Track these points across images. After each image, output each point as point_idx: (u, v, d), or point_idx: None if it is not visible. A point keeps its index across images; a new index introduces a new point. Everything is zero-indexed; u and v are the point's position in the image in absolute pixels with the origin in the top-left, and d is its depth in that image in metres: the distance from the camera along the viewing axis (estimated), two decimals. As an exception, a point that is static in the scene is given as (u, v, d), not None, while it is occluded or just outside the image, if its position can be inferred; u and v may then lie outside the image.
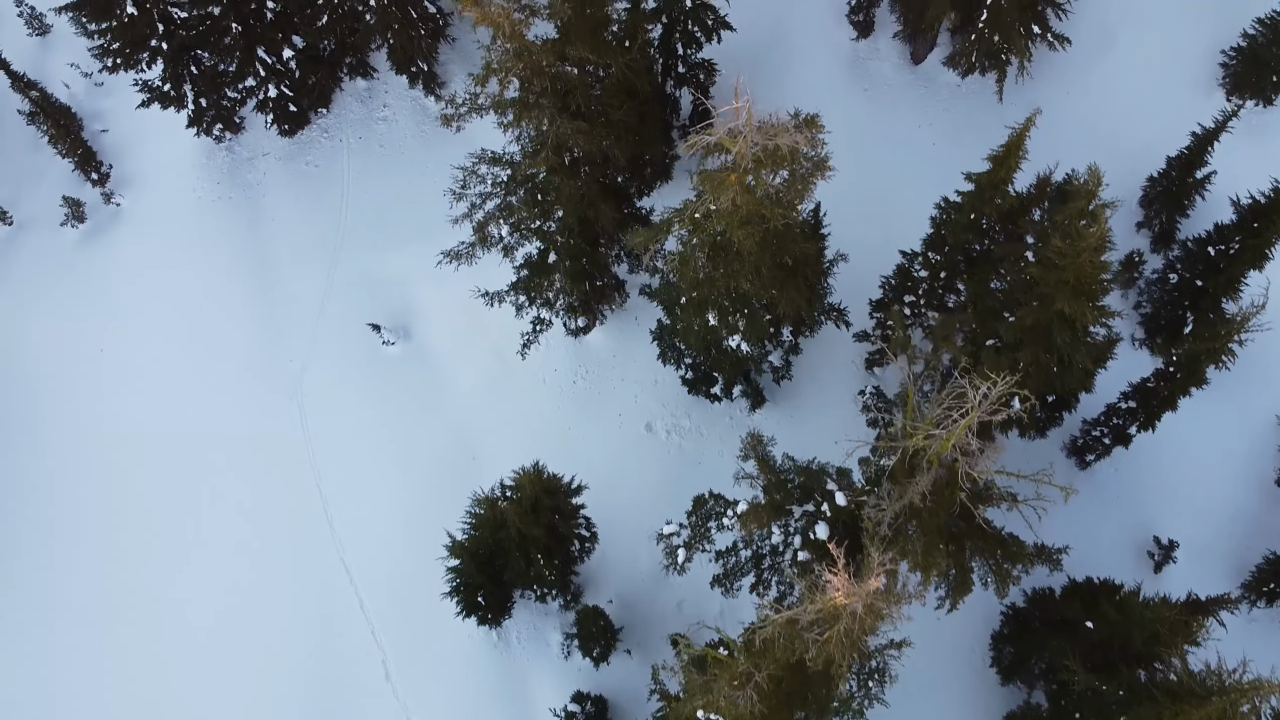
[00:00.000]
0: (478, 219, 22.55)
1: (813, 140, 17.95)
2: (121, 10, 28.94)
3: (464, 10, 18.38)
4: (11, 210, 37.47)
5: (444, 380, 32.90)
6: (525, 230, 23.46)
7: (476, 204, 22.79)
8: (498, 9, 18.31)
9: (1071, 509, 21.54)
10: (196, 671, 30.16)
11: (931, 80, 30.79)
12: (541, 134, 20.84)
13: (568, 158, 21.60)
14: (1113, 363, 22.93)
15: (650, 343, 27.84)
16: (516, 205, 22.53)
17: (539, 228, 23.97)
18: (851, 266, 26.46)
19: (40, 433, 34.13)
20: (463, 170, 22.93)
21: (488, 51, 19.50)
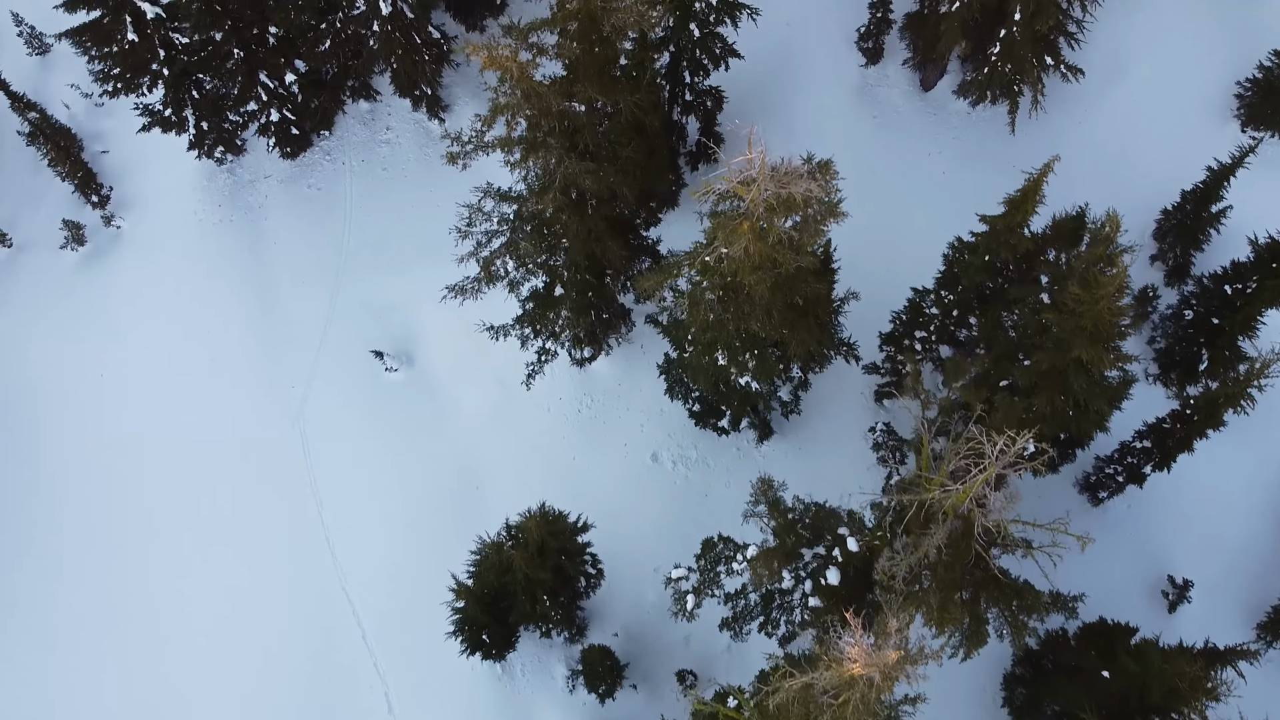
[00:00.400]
0: (483, 257, 22.18)
1: (826, 187, 17.60)
2: (122, 37, 28.60)
3: (470, 54, 18.03)
4: (11, 232, 37.13)
5: (447, 407, 32.56)
6: (531, 265, 23.10)
7: (482, 242, 22.44)
8: (506, 52, 17.96)
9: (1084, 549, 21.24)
10: (196, 702, 29.83)
11: (941, 108, 30.46)
12: (549, 172, 20.50)
13: (575, 195, 21.23)
14: (1126, 400, 22.59)
15: (657, 376, 27.50)
16: (522, 242, 22.18)
17: (545, 262, 23.62)
18: (861, 297, 26.15)
19: (40, 459, 33.78)
20: (468, 208, 22.58)
21: (495, 92, 19.15)
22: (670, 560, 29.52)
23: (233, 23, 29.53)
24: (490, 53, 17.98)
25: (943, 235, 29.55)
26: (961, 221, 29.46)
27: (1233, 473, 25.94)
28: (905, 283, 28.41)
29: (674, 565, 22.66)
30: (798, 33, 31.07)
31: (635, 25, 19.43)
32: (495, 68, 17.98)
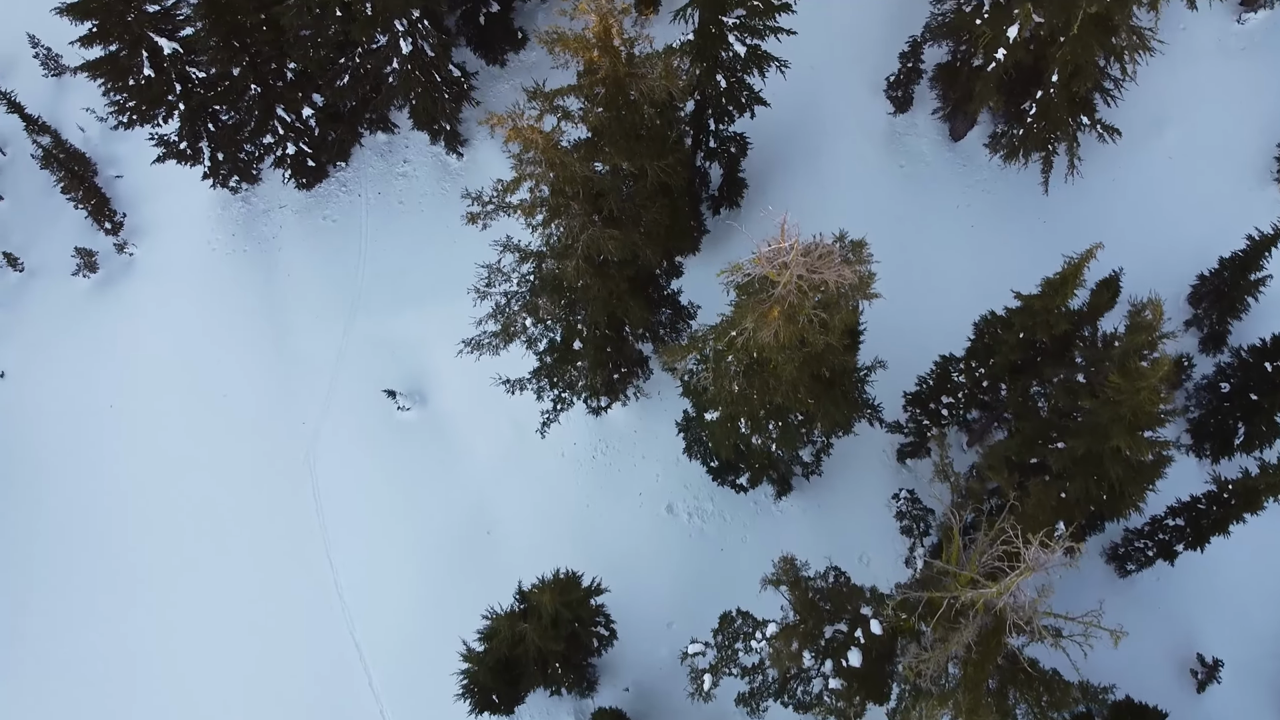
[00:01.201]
0: (503, 320, 21.64)
1: (862, 275, 16.99)
2: (139, 73, 28.14)
3: (494, 126, 17.49)
4: (23, 256, 36.75)
5: (460, 449, 32.04)
6: (550, 322, 22.56)
7: (501, 304, 21.91)
8: (530, 124, 17.40)
9: (1111, 619, 20.57)
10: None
11: (971, 159, 29.76)
12: (572, 236, 19.92)
13: (597, 259, 20.67)
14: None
15: (676, 433, 26.92)
16: (541, 304, 21.63)
17: (564, 318, 23.07)
18: (885, 353, 25.52)
19: (46, 491, 33.40)
20: (486, 268, 22.04)
21: (518, 160, 18.58)
22: (683, 616, 29.10)
23: (250, 58, 29.06)
24: (515, 124, 17.42)
25: (970, 291, 28.95)
26: (990, 279, 28.86)
27: (1268, 552, 25.22)
28: (931, 339, 27.77)
29: (690, 641, 22.06)
30: (824, 78, 30.42)
31: (663, 91, 18.84)
32: (519, 140, 17.43)
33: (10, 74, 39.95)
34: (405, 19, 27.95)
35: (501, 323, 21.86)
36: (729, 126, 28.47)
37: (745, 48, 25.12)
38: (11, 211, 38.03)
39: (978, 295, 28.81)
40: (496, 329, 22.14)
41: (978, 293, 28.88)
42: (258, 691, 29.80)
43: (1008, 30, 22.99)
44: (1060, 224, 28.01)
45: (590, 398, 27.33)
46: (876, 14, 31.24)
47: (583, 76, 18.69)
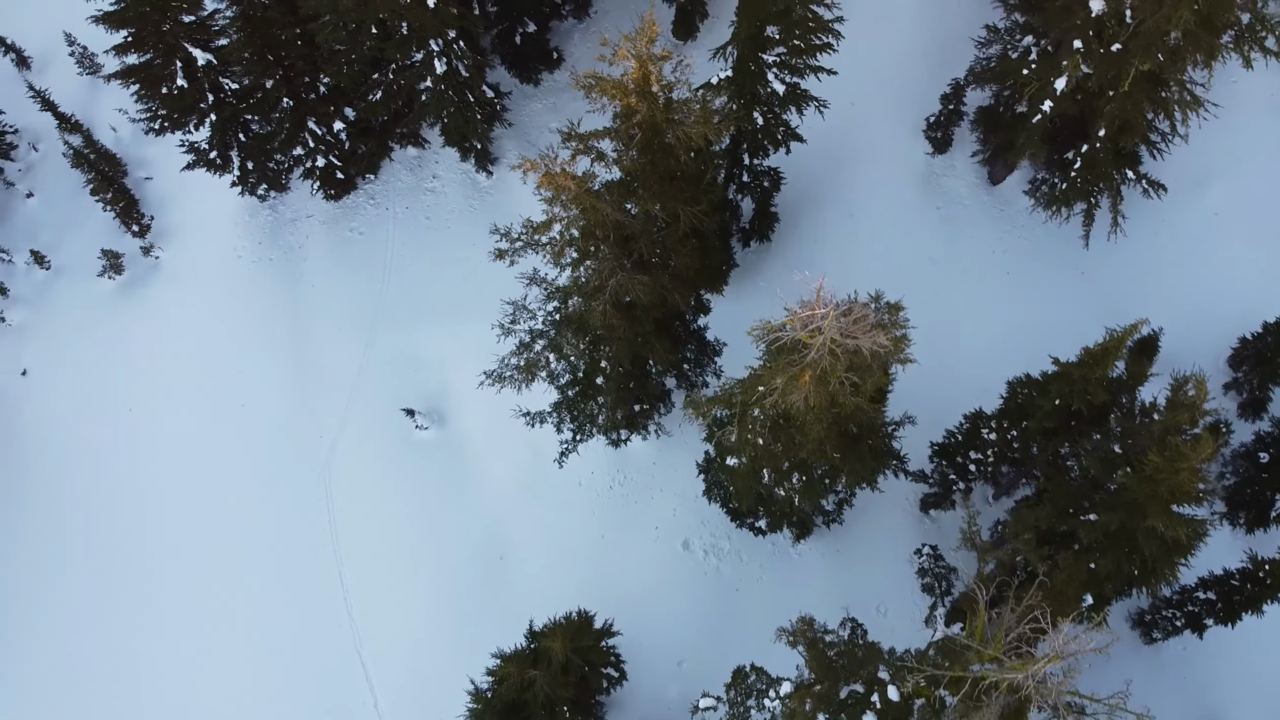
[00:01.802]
0: (527, 358, 21.29)
1: (897, 339, 16.50)
2: (172, 82, 27.98)
3: (527, 171, 17.12)
4: (51, 255, 36.80)
5: (476, 471, 31.72)
6: (573, 360, 22.19)
7: (525, 342, 21.55)
8: (563, 168, 17.01)
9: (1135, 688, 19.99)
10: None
11: (1009, 204, 29.13)
12: (600, 277, 19.52)
13: (625, 301, 20.26)
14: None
15: (696, 474, 26.49)
16: (566, 344, 21.25)
17: (588, 355, 22.68)
18: (914, 400, 25.00)
19: (61, 489, 33.41)
20: (512, 305, 21.69)
21: (549, 204, 18.21)
22: (694, 655, 28.65)
23: (284, 72, 28.85)
24: (548, 170, 17.04)
25: (1004, 340, 28.45)
26: (1024, 328, 28.41)
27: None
28: (961, 387, 27.23)
29: (702, 694, 21.61)
30: (862, 114, 29.87)
31: (700, 138, 18.41)
32: (552, 187, 17.04)
33: (46, 70, 40.09)
34: (441, 39, 27.64)
35: (525, 361, 21.46)
36: (763, 160, 28.00)
37: (784, 86, 24.65)
38: (42, 208, 38.10)
39: (1011, 344, 28.39)
40: (519, 365, 21.73)
41: (1011, 342, 28.45)
42: (260, 705, 29.60)
43: (1055, 82, 22.40)
44: (1098, 275, 27.36)
45: (610, 430, 26.91)
46: (919, 53, 30.67)
47: (619, 119, 18.28)
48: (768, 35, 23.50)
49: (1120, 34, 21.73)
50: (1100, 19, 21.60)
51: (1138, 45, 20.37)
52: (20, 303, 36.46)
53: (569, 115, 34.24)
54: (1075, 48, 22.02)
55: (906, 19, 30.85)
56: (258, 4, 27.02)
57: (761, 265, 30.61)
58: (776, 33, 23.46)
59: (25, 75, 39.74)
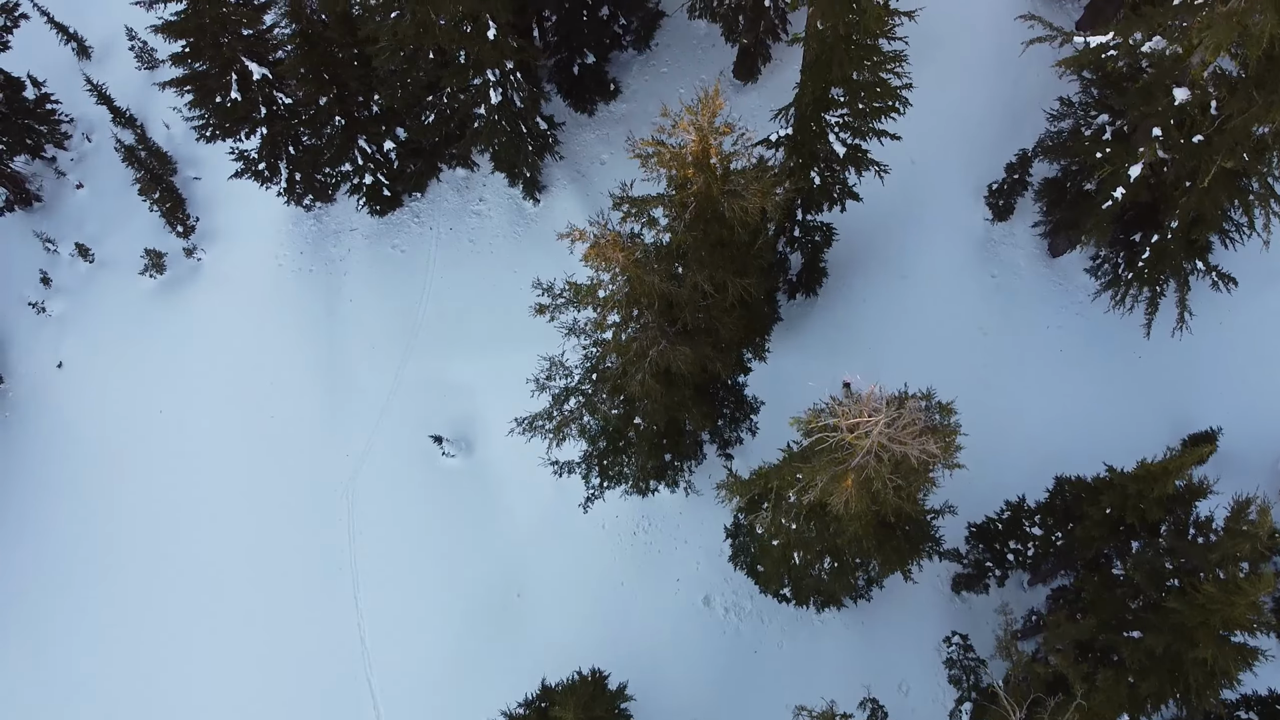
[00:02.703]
0: (558, 419, 20.77)
1: (948, 446, 15.76)
2: (226, 94, 27.79)
3: (575, 241, 16.58)
4: (95, 247, 36.90)
5: (500, 504, 31.29)
6: (607, 419, 21.64)
7: (560, 396, 21.02)
8: (613, 244, 16.44)
9: None
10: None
11: (1067, 278, 28.16)
12: (642, 346, 18.94)
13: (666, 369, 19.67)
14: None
15: (724, 539, 25.84)
16: (601, 405, 20.70)
17: (622, 414, 22.11)
18: (953, 478, 24.20)
19: (83, 489, 33.48)
20: (549, 360, 21.18)
21: (595, 273, 17.65)
22: (708, 715, 28.00)
23: (338, 90, 28.56)
24: (597, 244, 16.49)
25: (1053, 421, 27.54)
26: (1075, 411, 27.50)
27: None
28: (1004, 466, 26.42)
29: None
30: (922, 174, 29.00)
31: (757, 211, 17.75)
32: (600, 260, 16.48)
33: (106, 60, 40.25)
34: (498, 69, 27.20)
35: (557, 421, 20.94)
36: (816, 216, 27.28)
37: (845, 147, 23.92)
38: (90, 200, 38.24)
39: (1060, 425, 27.53)
40: (551, 426, 21.22)
41: (1061, 422, 27.56)
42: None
43: (1130, 168, 21.48)
44: (1156, 360, 26.35)
45: (640, 482, 26.33)
46: (987, 116, 29.77)
47: (673, 186, 17.67)
48: (832, 96, 22.80)
49: (1203, 124, 20.79)
50: (1183, 108, 20.67)
51: (1222, 142, 19.44)
52: (62, 293, 36.61)
53: (621, 150, 34.05)
54: (1154, 135, 21.09)
55: (976, 80, 29.96)
56: (316, 23, 26.74)
57: (806, 320, 29.87)
58: (841, 95, 22.76)
59: (85, 65, 39.91)
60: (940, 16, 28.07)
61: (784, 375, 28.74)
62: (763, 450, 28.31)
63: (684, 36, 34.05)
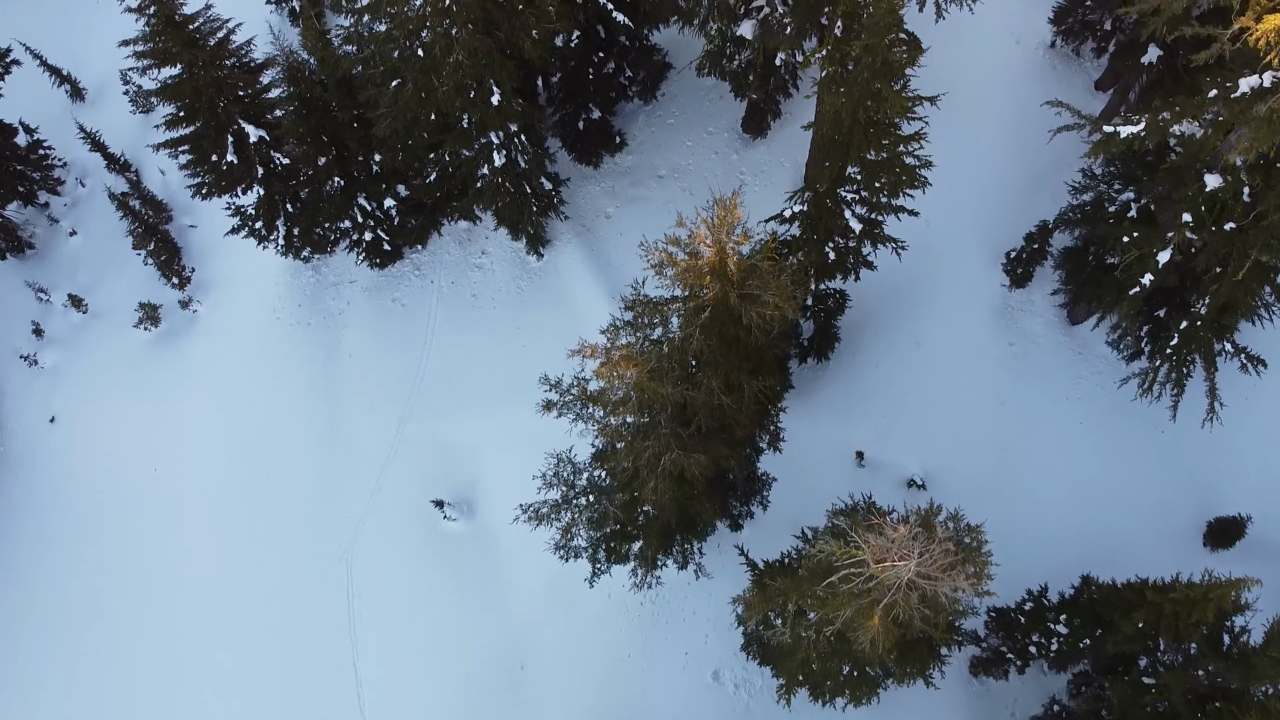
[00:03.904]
0: (566, 520, 20.02)
1: (979, 576, 15.00)
2: (222, 157, 26.99)
3: (586, 357, 15.80)
4: (89, 296, 36.15)
5: (503, 572, 30.51)
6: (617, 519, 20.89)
7: (567, 496, 20.25)
8: (624, 359, 15.66)
9: None
10: None
11: (1087, 348, 27.40)
12: (655, 453, 18.16)
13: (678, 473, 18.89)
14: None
15: (735, 625, 25.06)
16: (613, 509, 19.94)
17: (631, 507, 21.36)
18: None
19: (75, 550, 32.72)
20: (556, 458, 20.42)
21: (609, 385, 16.87)
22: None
23: (338, 151, 27.77)
24: (608, 359, 15.71)
25: (1072, 495, 26.82)
26: (1095, 485, 26.76)
27: None
28: (1022, 541, 25.67)
29: None
30: (937, 236, 28.22)
31: (775, 319, 16.98)
32: (613, 377, 15.70)
33: (100, 102, 39.48)
34: (502, 132, 26.41)
35: (566, 521, 20.18)
36: (829, 283, 26.52)
37: (862, 223, 23.16)
38: (84, 247, 37.47)
39: (1081, 501, 26.80)
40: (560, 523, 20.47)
41: (1081, 498, 26.83)
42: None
43: (1158, 254, 20.72)
44: (1180, 438, 25.61)
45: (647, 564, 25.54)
46: (1004, 177, 29.03)
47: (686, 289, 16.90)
48: (848, 174, 22.05)
49: (1235, 211, 20.03)
50: (1214, 194, 19.90)
51: (1258, 235, 18.68)
52: (55, 344, 35.86)
53: (627, 203, 33.27)
54: (1184, 220, 20.33)
55: (994, 139, 29.21)
56: (315, 85, 25.95)
57: (818, 385, 29.10)
58: (858, 172, 22.00)
59: (79, 108, 39.16)
60: (956, 75, 27.35)
61: (795, 442, 27.84)
62: (774, 523, 27.68)
63: (691, 87, 33.28)
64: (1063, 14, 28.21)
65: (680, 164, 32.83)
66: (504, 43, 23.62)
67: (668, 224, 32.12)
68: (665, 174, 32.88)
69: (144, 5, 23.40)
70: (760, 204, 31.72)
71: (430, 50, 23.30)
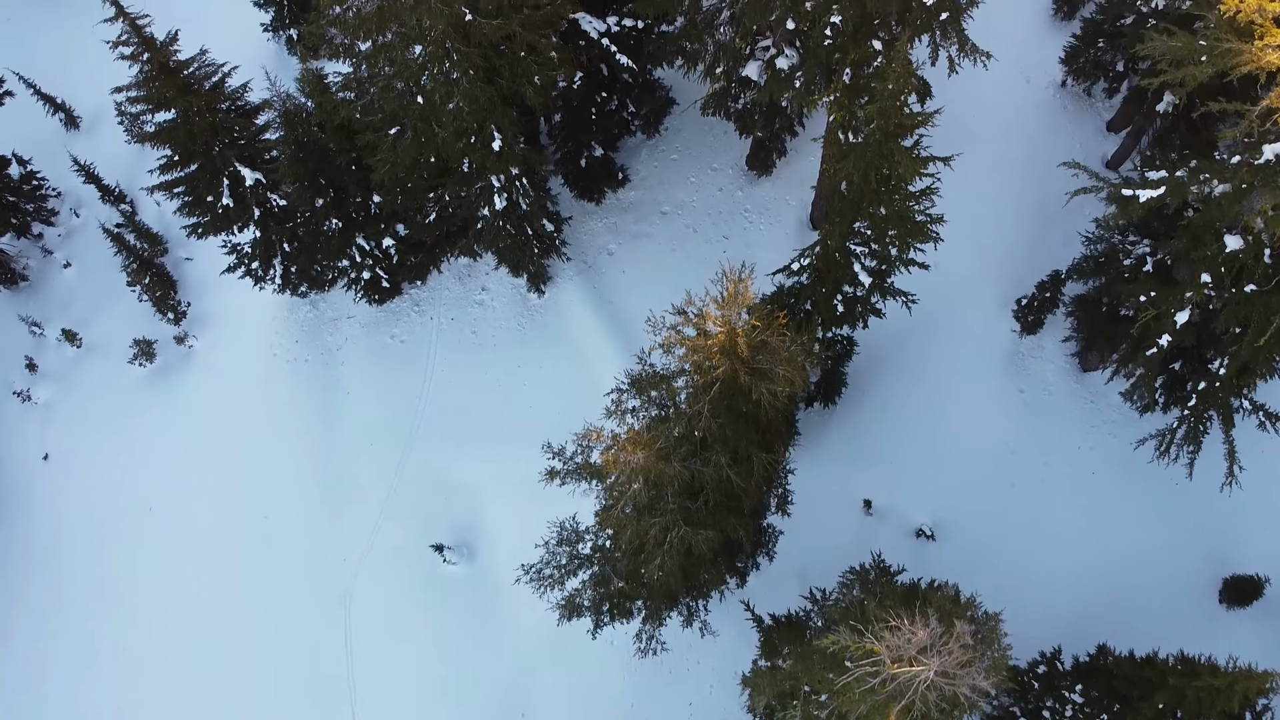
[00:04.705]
0: (567, 592, 19.53)
1: (997, 668, 14.51)
2: (217, 201, 26.47)
3: (593, 441, 15.30)
4: (83, 330, 35.65)
5: (504, 616, 30.00)
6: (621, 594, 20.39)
7: (570, 566, 19.77)
8: (632, 445, 15.15)
9: None
10: None
11: (1099, 396, 26.89)
12: (661, 528, 17.66)
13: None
14: None
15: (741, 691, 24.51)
16: (614, 581, 19.46)
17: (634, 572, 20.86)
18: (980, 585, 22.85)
19: (68, 592, 32.24)
20: (559, 528, 19.93)
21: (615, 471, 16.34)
22: None
23: (335, 194, 27.25)
24: (616, 444, 15.21)
25: (1084, 548, 26.35)
26: (1107, 540, 26.27)
27: None
28: (1033, 595, 25.30)
29: None
30: (946, 279, 27.44)
31: (787, 394, 16.50)
32: (619, 468, 15.19)
33: (95, 129, 38.96)
34: (503, 175, 25.90)
35: (569, 593, 19.70)
36: (838, 331, 26.00)
37: (871, 277, 22.65)
38: (78, 279, 36.96)
39: (1092, 554, 26.32)
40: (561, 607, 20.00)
41: (1093, 551, 26.35)
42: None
43: (1176, 314, 20.23)
44: (1196, 491, 25.04)
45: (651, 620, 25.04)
46: (1014, 220, 28.52)
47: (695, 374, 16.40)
48: (857, 229, 21.53)
49: (1256, 272, 19.54)
50: (1235, 256, 19.41)
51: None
52: (48, 379, 35.37)
53: (630, 239, 32.71)
54: (1203, 281, 19.83)
55: (1003, 181, 28.68)
56: (312, 130, 25.42)
57: (824, 431, 28.60)
58: (866, 227, 21.49)
59: (73, 136, 38.66)
60: (964, 114, 26.81)
61: (801, 488, 27.31)
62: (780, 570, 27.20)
63: (695, 121, 32.72)
64: (1074, 53, 27.70)
65: (684, 200, 32.30)
66: (506, 90, 23.11)
67: (670, 262, 31.97)
68: (669, 210, 32.36)
69: (137, 52, 22.87)
70: (766, 242, 31.30)
71: (430, 98, 22.78)
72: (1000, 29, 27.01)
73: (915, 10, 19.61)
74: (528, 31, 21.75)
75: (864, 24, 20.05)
